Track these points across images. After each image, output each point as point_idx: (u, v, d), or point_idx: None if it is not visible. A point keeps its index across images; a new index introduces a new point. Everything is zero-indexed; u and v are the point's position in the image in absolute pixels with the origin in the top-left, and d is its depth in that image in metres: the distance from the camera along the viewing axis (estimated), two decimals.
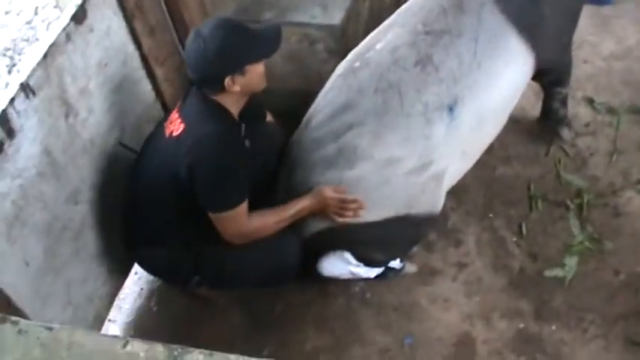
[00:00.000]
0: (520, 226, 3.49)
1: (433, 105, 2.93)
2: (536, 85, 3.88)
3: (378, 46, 3.05)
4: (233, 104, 2.82)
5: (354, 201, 2.92)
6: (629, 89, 4.04)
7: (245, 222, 2.84)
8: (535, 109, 3.92)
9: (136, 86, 3.14)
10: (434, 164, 2.98)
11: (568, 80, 3.68)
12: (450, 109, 2.96)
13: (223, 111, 2.79)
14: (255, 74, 2.79)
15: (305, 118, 3.16)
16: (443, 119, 2.95)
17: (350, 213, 2.94)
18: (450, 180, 3.17)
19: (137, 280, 3.51)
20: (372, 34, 3.19)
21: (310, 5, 3.57)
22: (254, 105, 2.97)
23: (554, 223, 3.49)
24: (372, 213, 2.98)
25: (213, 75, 2.71)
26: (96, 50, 2.82)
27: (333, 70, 3.38)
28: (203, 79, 2.74)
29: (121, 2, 2.92)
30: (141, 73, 3.17)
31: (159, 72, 3.24)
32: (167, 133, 2.82)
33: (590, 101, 3.99)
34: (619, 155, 3.71)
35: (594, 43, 4.20)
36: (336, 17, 3.55)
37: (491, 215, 3.56)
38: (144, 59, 3.14)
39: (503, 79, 3.09)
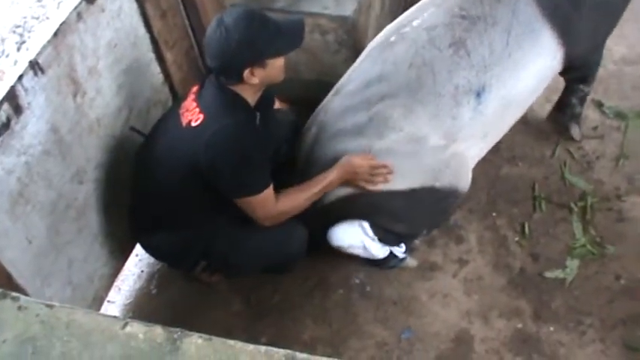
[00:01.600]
0: (523, 226, 3.49)
1: (463, 89, 2.97)
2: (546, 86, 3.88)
3: (415, 23, 3.08)
4: (250, 95, 2.80)
5: (384, 166, 2.94)
6: (638, 94, 4.04)
7: (273, 204, 2.86)
8: (544, 110, 3.93)
9: (145, 69, 3.14)
10: (457, 143, 3.02)
11: (593, 79, 3.70)
12: (478, 94, 3.00)
13: (241, 101, 2.77)
14: (275, 67, 2.77)
15: (335, 87, 3.18)
16: (470, 103, 3.00)
17: (381, 178, 2.95)
18: (472, 160, 3.21)
19: (138, 262, 3.52)
20: (408, 11, 3.22)
21: None
22: (265, 92, 2.95)
23: (556, 224, 3.49)
24: (398, 182, 2.99)
25: (233, 65, 2.67)
26: (106, 31, 2.81)
27: (344, 61, 3.39)
28: (222, 68, 2.71)
29: None
30: (150, 56, 3.16)
31: (168, 55, 3.23)
32: (184, 121, 2.78)
33: (600, 104, 3.99)
34: (625, 160, 3.71)
35: (607, 46, 4.16)
36: (348, 9, 3.55)
37: (494, 214, 3.56)
38: (154, 42, 3.14)
39: (530, 71, 3.12)
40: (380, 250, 3.24)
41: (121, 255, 3.26)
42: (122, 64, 2.96)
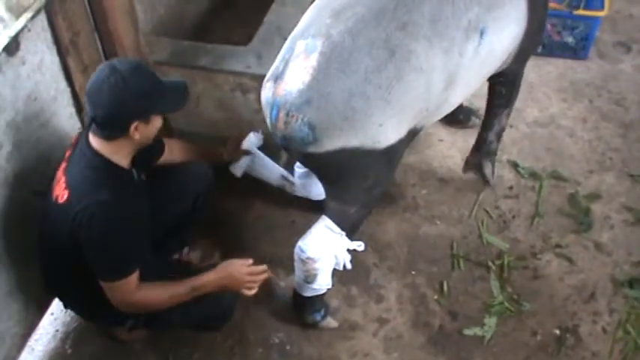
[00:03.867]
0: (441, 285, 3.52)
1: (473, 24, 2.90)
2: (462, 145, 3.99)
3: None
4: (125, 155, 2.68)
5: (263, 271, 2.90)
6: (551, 155, 4.17)
7: (133, 291, 2.70)
8: (461, 169, 4.01)
9: (64, 123, 3.09)
10: (452, 87, 2.96)
11: (511, 106, 3.74)
12: (482, 33, 2.95)
13: (112, 168, 2.64)
14: (155, 126, 2.68)
15: (329, 8, 2.83)
16: (475, 41, 2.93)
17: (259, 283, 2.91)
18: (445, 112, 3.19)
19: (53, 320, 3.41)
20: None
21: (246, 54, 3.59)
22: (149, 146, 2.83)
23: (475, 282, 3.53)
24: (403, 126, 2.87)
25: (123, 116, 2.54)
26: (26, 83, 2.78)
27: (263, 120, 3.38)
28: (110, 118, 2.54)
29: (55, 37, 2.90)
30: (71, 110, 3.12)
31: None
32: (53, 195, 2.67)
33: (515, 165, 4.10)
34: (540, 219, 3.81)
35: (519, 109, 4.31)
36: (270, 68, 3.57)
37: (413, 272, 3.59)
38: (75, 96, 3.11)
39: (509, 27, 3.12)
40: (344, 252, 3.11)
41: (35, 313, 3.17)
42: (41, 117, 2.91)
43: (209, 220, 3.59)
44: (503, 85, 3.61)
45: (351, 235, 3.11)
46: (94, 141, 2.62)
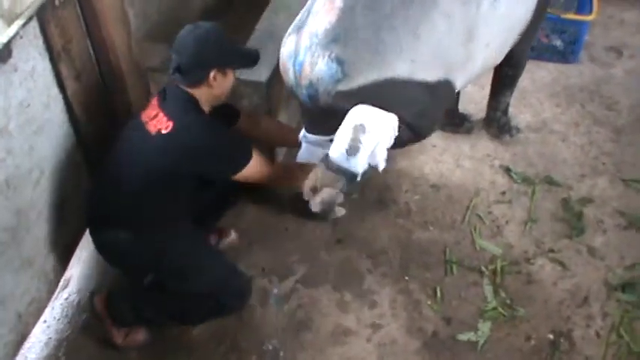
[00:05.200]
0: (435, 290, 3.52)
1: None
2: (455, 151, 3.99)
3: None
4: (205, 102, 3.03)
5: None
6: (543, 160, 4.18)
7: (265, 164, 3.15)
8: (454, 175, 4.03)
9: (57, 130, 3.08)
10: (472, 43, 3.05)
11: (514, 84, 3.98)
12: None
13: (200, 105, 3.00)
14: (228, 81, 3.05)
15: None
16: None
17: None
18: (471, 73, 3.27)
19: (46, 328, 3.40)
20: None
21: None
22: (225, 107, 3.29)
23: (468, 288, 3.53)
24: (430, 72, 2.99)
25: (204, 63, 2.92)
26: (19, 90, 2.76)
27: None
28: (193, 65, 2.91)
29: (47, 44, 2.89)
30: (63, 117, 3.11)
31: (82, 117, 3.19)
32: (152, 130, 2.92)
33: (508, 170, 4.11)
34: (533, 224, 3.81)
35: (513, 114, 4.33)
36: (263, 75, 3.59)
37: (406, 278, 3.59)
38: (67, 103, 3.10)
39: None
40: (383, 151, 3.09)
41: (28, 321, 3.15)
42: (34, 124, 2.90)
43: None
44: (509, 67, 3.77)
45: (393, 148, 3.12)
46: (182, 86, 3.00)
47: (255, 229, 3.81)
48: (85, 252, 3.55)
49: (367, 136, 2.94)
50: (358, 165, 3.02)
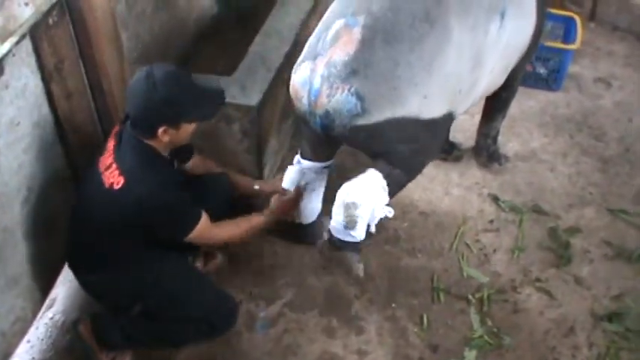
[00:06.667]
0: (422, 317, 3.51)
1: (494, 5, 3.05)
2: (444, 179, 4.01)
3: None
4: (162, 149, 2.90)
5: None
6: (531, 189, 4.20)
7: (210, 229, 3.01)
8: (442, 203, 4.03)
9: (47, 149, 3.06)
10: (479, 69, 3.08)
11: (507, 108, 4.02)
12: (502, 15, 3.07)
13: (157, 155, 2.89)
14: (186, 132, 2.88)
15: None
16: (496, 22, 3.08)
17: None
18: (473, 99, 3.31)
19: (29, 348, 3.37)
20: None
21: (230, 85, 3.60)
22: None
23: (455, 315, 3.53)
24: (437, 107, 3.01)
25: (151, 121, 2.77)
26: (9, 108, 2.76)
27: (246, 150, 3.42)
28: (140, 120, 2.80)
29: (40, 63, 2.89)
30: (53, 137, 3.10)
31: (72, 137, 3.18)
32: (106, 183, 2.84)
33: (496, 199, 4.12)
34: (520, 253, 3.82)
35: (501, 143, 4.35)
36: (253, 99, 3.60)
37: (394, 305, 3.58)
38: (58, 123, 3.09)
39: (524, 17, 3.32)
40: (380, 210, 3.13)
41: (12, 341, 3.12)
42: (23, 143, 2.89)
43: None
44: (503, 89, 3.76)
45: (390, 197, 3.12)
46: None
47: (242, 252, 3.80)
48: (70, 272, 3.53)
49: (361, 209, 3.02)
50: (360, 234, 3.12)
